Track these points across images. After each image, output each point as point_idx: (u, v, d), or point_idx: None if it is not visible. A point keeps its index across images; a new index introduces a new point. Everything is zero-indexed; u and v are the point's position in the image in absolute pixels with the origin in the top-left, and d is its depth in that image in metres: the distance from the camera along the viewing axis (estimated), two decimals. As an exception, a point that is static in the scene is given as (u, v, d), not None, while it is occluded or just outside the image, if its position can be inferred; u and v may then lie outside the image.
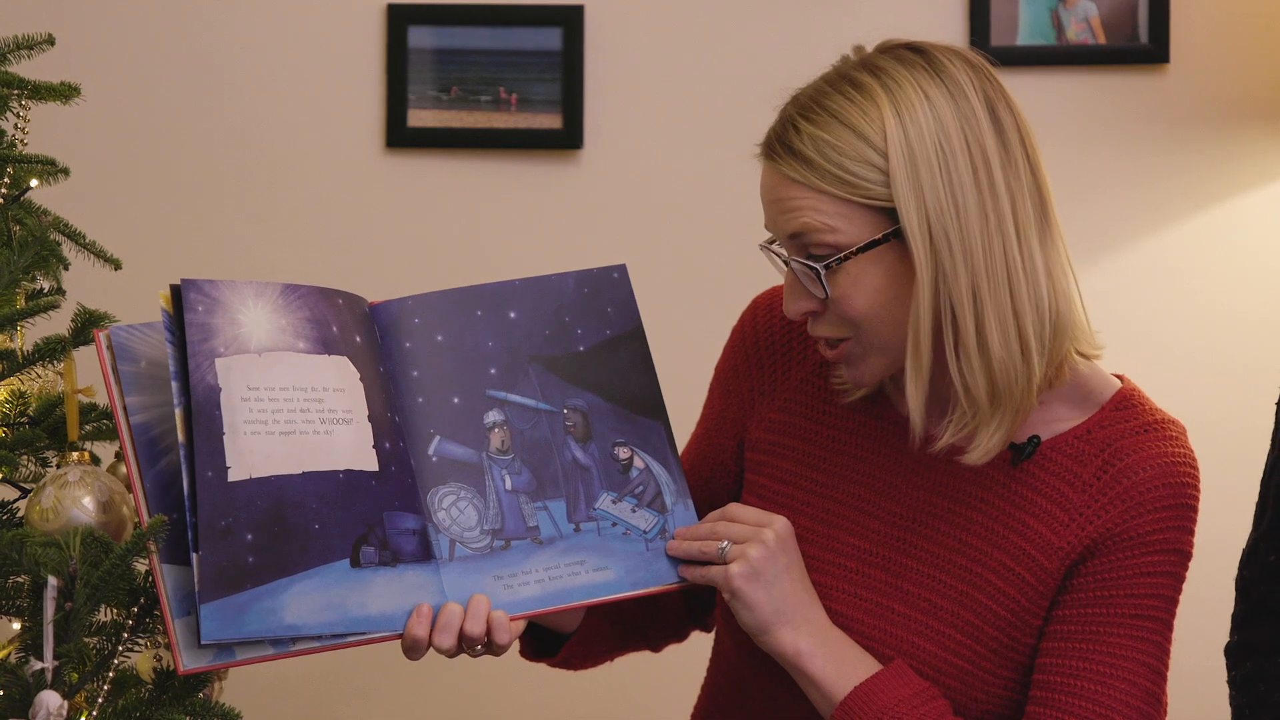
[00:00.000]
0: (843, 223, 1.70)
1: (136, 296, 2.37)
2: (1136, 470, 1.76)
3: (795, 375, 1.89)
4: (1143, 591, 1.75)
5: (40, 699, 1.61)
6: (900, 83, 1.70)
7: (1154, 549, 1.76)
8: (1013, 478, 1.78)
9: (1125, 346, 2.82)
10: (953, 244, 1.68)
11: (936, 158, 1.68)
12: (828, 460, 1.84)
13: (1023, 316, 1.70)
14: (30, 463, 1.93)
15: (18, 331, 1.93)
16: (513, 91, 2.86)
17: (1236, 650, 1.84)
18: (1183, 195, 2.83)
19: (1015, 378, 1.70)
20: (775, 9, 2.83)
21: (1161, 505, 1.76)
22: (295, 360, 1.73)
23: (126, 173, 2.89)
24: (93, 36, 2.87)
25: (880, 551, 1.80)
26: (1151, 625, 1.76)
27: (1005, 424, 1.72)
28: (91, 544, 1.67)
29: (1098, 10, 2.81)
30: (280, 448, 1.70)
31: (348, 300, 1.80)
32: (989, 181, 1.69)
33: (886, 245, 1.70)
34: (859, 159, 1.69)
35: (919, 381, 1.71)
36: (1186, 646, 2.77)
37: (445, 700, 2.85)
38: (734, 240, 2.85)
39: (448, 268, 2.87)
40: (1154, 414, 1.81)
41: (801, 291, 1.74)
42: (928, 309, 1.69)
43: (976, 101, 1.71)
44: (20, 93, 1.96)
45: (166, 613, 1.65)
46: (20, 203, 1.95)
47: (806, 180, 1.70)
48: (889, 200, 1.68)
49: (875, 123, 1.69)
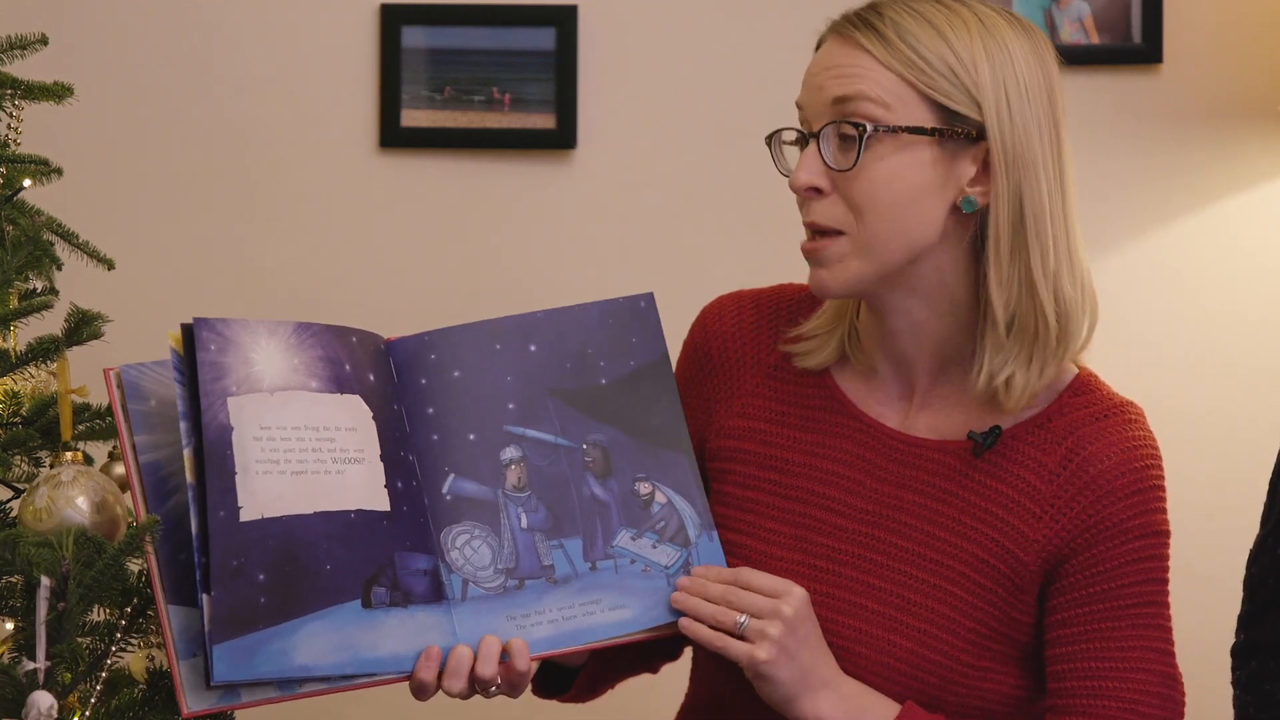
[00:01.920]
0: (897, 102, 1.71)
1: (130, 297, 2.37)
2: (1100, 459, 1.76)
3: (750, 380, 1.88)
4: (1134, 579, 1.76)
5: (32, 699, 1.61)
6: (992, 19, 1.74)
7: (1133, 535, 1.76)
8: (975, 468, 1.77)
9: (1120, 347, 2.82)
10: (1025, 168, 1.72)
11: (1021, 92, 1.72)
12: (790, 462, 1.84)
13: (1077, 261, 1.76)
14: (23, 463, 1.93)
15: (11, 332, 1.93)
16: (506, 91, 2.86)
17: (1242, 649, 1.84)
18: (1176, 195, 2.83)
19: (1076, 315, 1.75)
20: (770, 9, 2.83)
21: (1129, 491, 1.76)
22: (308, 399, 1.72)
23: (120, 173, 2.88)
24: (86, 36, 2.87)
25: (851, 549, 1.79)
26: (1150, 610, 1.77)
27: (1052, 365, 1.75)
28: (84, 544, 1.66)
29: (1091, 10, 2.81)
30: (292, 487, 1.69)
31: (361, 338, 1.78)
32: (1056, 141, 1.74)
33: (929, 139, 1.71)
34: (936, 54, 1.71)
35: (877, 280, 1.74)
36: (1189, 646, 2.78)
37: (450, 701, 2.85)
38: (730, 240, 2.85)
39: (441, 268, 2.87)
40: (1111, 398, 1.80)
41: (818, 165, 1.73)
42: (1005, 218, 1.71)
43: (1051, 67, 1.76)
44: (14, 92, 1.96)
45: (171, 655, 1.65)
46: (13, 203, 1.94)
47: (876, 52, 1.71)
48: (950, 99, 1.70)
49: (963, 36, 1.71)
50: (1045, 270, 1.73)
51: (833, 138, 1.72)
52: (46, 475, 1.79)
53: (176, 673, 1.64)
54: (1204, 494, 2.79)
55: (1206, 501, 2.79)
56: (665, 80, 2.87)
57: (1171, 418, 2.81)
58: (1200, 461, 2.81)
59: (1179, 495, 2.79)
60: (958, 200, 1.72)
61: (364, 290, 2.84)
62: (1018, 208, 1.72)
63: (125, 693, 1.77)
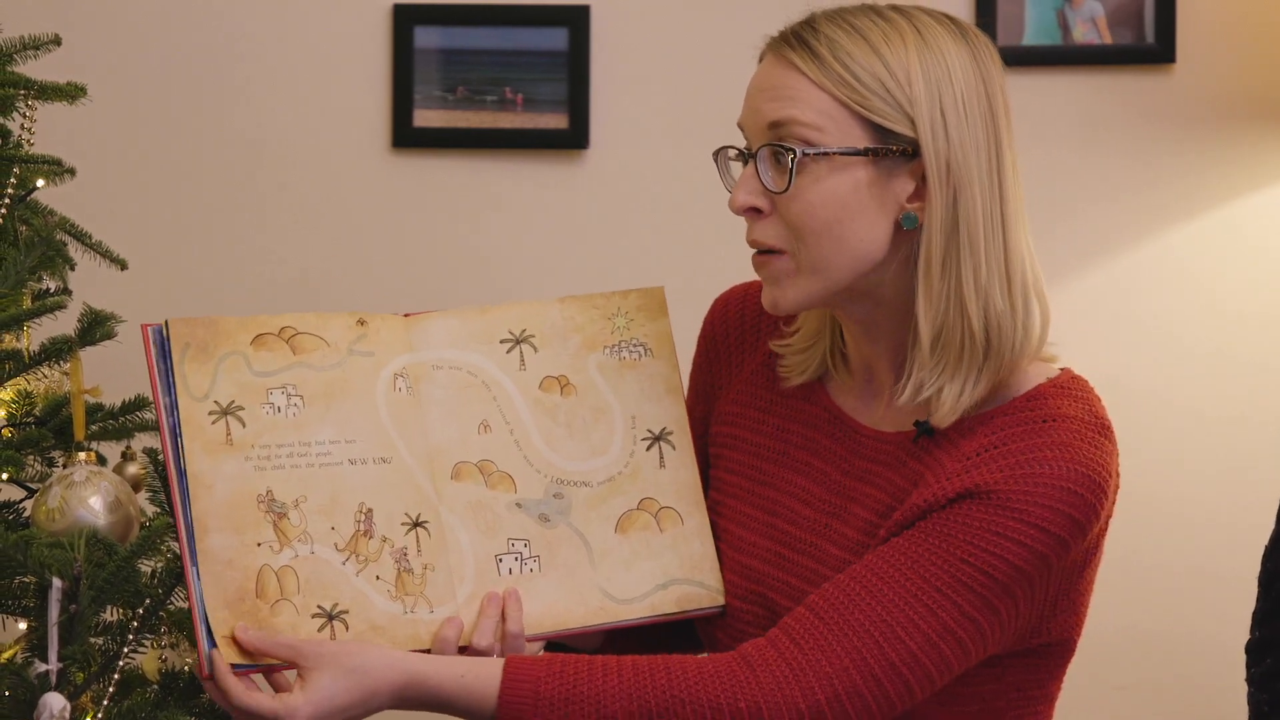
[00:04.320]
0: (830, 124, 1.69)
1: (142, 297, 2.37)
2: (1026, 451, 1.69)
3: (748, 367, 1.90)
4: (988, 547, 1.66)
5: (45, 701, 1.62)
6: (929, 28, 1.72)
7: (1018, 515, 1.66)
8: (913, 456, 1.76)
9: (1132, 346, 2.82)
10: (960, 184, 1.69)
11: (957, 104, 1.70)
12: (770, 449, 1.85)
13: (1014, 273, 1.70)
14: (36, 463, 1.94)
15: (24, 332, 1.93)
16: (518, 91, 2.85)
17: (1257, 647, 1.84)
18: (1189, 195, 2.82)
19: (1008, 329, 1.70)
20: (781, 10, 2.82)
21: (1043, 480, 1.67)
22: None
23: (133, 173, 2.89)
24: (99, 37, 2.87)
25: (809, 538, 1.79)
26: (982, 579, 1.66)
27: (985, 379, 1.71)
28: (96, 545, 1.67)
29: (1103, 10, 2.81)
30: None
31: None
32: (995, 153, 1.71)
33: (863, 159, 1.69)
34: (869, 71, 1.69)
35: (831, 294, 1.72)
36: (1203, 645, 2.77)
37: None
38: (741, 240, 2.84)
39: (453, 268, 2.87)
40: (1066, 408, 1.73)
41: (755, 185, 1.73)
42: (938, 234, 1.69)
43: (992, 72, 1.73)
44: (27, 93, 1.97)
45: (196, 615, 1.64)
46: (27, 203, 1.95)
47: (809, 72, 1.70)
48: (884, 117, 1.68)
49: (898, 50, 1.69)
50: (977, 285, 1.70)
51: (769, 159, 1.72)
52: (59, 475, 1.79)
53: (200, 633, 1.64)
54: (1217, 492, 2.79)
55: (1219, 499, 2.78)
56: (677, 80, 2.87)
57: (1185, 416, 2.81)
58: (1213, 460, 2.80)
59: (1192, 494, 2.80)
60: (899, 217, 1.72)
61: (376, 290, 2.84)
62: (952, 222, 1.70)
63: (138, 693, 1.77)
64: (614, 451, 1.81)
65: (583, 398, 1.81)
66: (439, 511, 1.73)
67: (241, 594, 1.64)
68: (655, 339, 1.86)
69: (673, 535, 1.81)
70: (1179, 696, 2.76)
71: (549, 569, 1.76)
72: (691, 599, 1.80)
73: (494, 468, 1.77)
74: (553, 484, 1.79)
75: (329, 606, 1.67)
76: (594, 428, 1.81)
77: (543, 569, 1.76)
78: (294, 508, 1.68)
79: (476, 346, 1.80)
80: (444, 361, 1.79)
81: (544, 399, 1.80)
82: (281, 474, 1.69)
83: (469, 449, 1.77)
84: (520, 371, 1.81)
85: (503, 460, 1.78)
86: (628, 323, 1.85)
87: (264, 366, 1.71)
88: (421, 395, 1.76)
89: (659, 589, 1.79)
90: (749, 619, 1.81)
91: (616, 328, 1.85)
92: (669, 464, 1.83)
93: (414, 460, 1.74)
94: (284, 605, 1.65)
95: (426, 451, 1.75)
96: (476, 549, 1.74)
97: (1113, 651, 2.74)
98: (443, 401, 1.77)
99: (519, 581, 1.75)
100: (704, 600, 1.81)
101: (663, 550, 1.80)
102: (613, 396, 1.82)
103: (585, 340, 1.83)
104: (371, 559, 1.69)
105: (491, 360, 1.80)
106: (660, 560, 1.80)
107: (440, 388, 1.77)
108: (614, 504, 1.80)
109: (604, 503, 1.80)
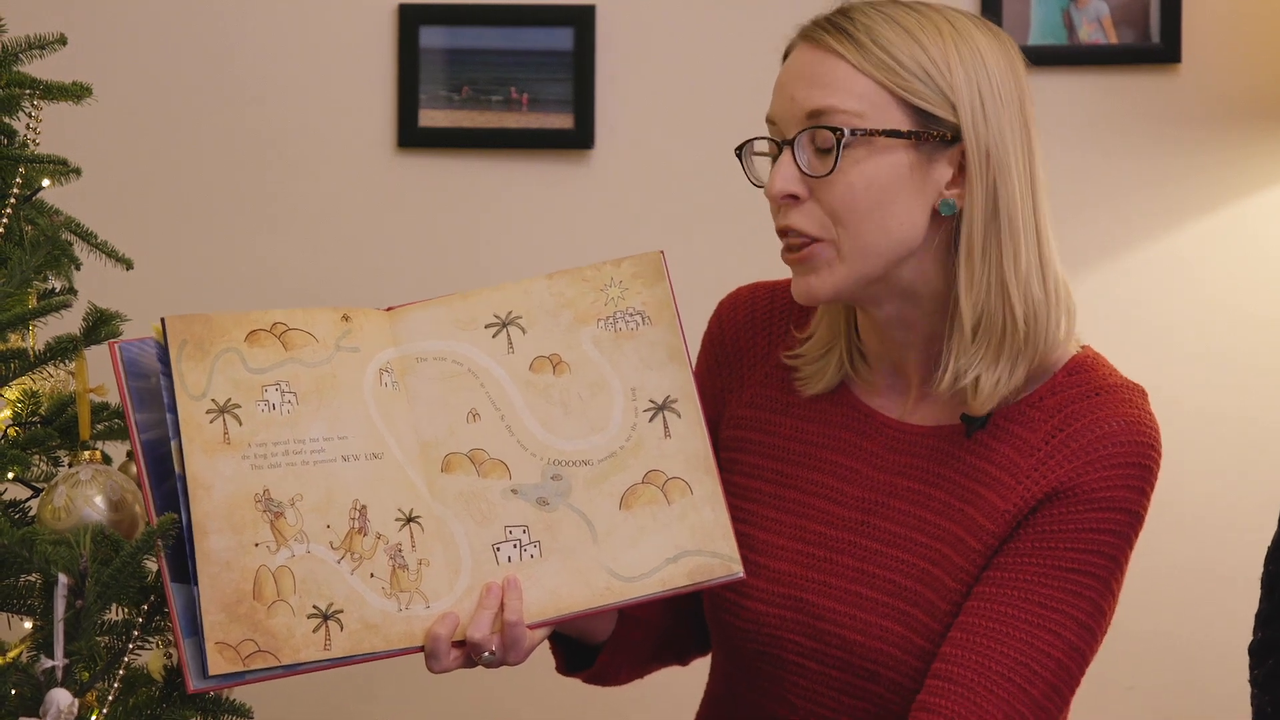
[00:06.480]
0: (871, 109, 1.70)
1: (148, 297, 2.37)
2: (1090, 430, 1.73)
3: (760, 370, 1.89)
4: (1085, 546, 1.72)
5: (50, 697, 1.62)
6: (960, 21, 1.74)
7: (1101, 505, 1.73)
8: (966, 450, 1.77)
9: (1138, 346, 2.82)
10: (999, 170, 1.71)
11: (994, 93, 1.72)
12: (791, 451, 1.85)
13: (1047, 262, 1.74)
14: (42, 462, 1.94)
15: (30, 331, 1.93)
16: (524, 91, 2.86)
17: (1260, 648, 1.83)
18: (1195, 195, 2.82)
19: (1042, 315, 1.73)
20: (788, 10, 2.82)
21: (1114, 463, 1.73)
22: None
23: (138, 172, 2.89)
24: (104, 36, 2.88)
25: (848, 537, 1.80)
26: (1088, 581, 1.73)
27: (1022, 366, 1.73)
28: (102, 542, 1.67)
29: (1109, 10, 2.81)
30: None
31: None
32: (1028, 144, 1.74)
33: (905, 143, 1.70)
34: (910, 57, 1.70)
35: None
36: (1206, 646, 2.77)
37: (455, 698, 2.85)
38: (746, 240, 2.84)
39: (459, 268, 2.87)
40: (1108, 378, 1.78)
41: (793, 172, 1.73)
42: (979, 220, 1.71)
43: (1019, 68, 1.75)
44: (32, 92, 1.97)
45: (177, 632, 1.65)
46: (32, 203, 1.95)
47: (851, 57, 1.71)
48: (926, 101, 1.70)
49: (934, 39, 1.71)
50: (1017, 271, 1.72)
51: (808, 144, 1.72)
52: (65, 474, 1.79)
53: (181, 649, 1.64)
54: (1221, 492, 2.79)
55: (1223, 500, 2.78)
56: (683, 80, 2.87)
57: (1190, 416, 2.81)
58: (1218, 460, 2.80)
59: (1196, 493, 2.80)
60: (936, 204, 1.72)
61: (381, 290, 2.84)
62: (992, 209, 1.72)
63: (143, 691, 1.77)
64: (614, 427, 1.78)
65: (577, 375, 1.79)
66: (431, 506, 1.73)
67: (239, 596, 1.64)
68: (654, 305, 1.81)
69: (681, 506, 1.77)
70: (1186, 697, 2.76)
71: (550, 553, 1.74)
72: (704, 570, 1.76)
73: (485, 456, 1.76)
74: (550, 466, 1.76)
75: (324, 607, 1.66)
76: (591, 404, 1.78)
77: (544, 554, 1.74)
78: (290, 506, 1.68)
79: (461, 334, 1.78)
80: (428, 353, 1.77)
81: (535, 380, 1.78)
82: (278, 472, 1.68)
83: (458, 439, 1.76)
84: (509, 355, 1.78)
85: (494, 447, 1.76)
86: (622, 292, 1.81)
87: (258, 363, 1.71)
88: (408, 389, 1.76)
89: (669, 562, 1.75)
90: (776, 622, 1.81)
91: (610, 299, 1.81)
92: (675, 433, 1.79)
93: (405, 455, 1.73)
94: (280, 606, 1.65)
95: (417, 446, 1.74)
96: (472, 540, 1.73)
97: (1120, 652, 2.74)
98: (429, 394, 1.76)
99: (519, 569, 1.73)
100: (718, 570, 1.76)
101: (671, 522, 1.76)
102: (610, 370, 1.79)
103: (577, 315, 1.81)
104: (366, 556, 1.69)
105: (477, 347, 1.78)
106: (669, 533, 1.76)
107: (426, 380, 1.76)
108: (617, 480, 1.77)
109: (606, 480, 1.77)
